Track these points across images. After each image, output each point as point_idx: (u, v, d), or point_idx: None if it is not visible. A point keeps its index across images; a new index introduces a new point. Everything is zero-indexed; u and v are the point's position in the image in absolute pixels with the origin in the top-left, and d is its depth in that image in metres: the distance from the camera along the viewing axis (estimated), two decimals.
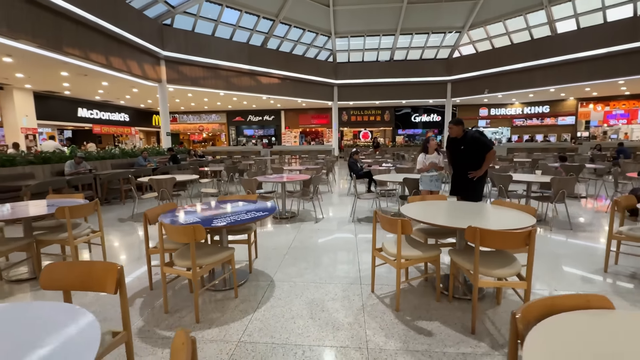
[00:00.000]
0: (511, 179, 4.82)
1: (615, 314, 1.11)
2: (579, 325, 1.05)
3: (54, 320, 1.11)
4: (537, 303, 1.14)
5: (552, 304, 1.15)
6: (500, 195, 5.01)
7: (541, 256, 3.48)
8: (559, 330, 1.02)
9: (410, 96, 19.11)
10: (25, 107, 13.11)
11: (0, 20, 6.71)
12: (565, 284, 2.84)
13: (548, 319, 1.07)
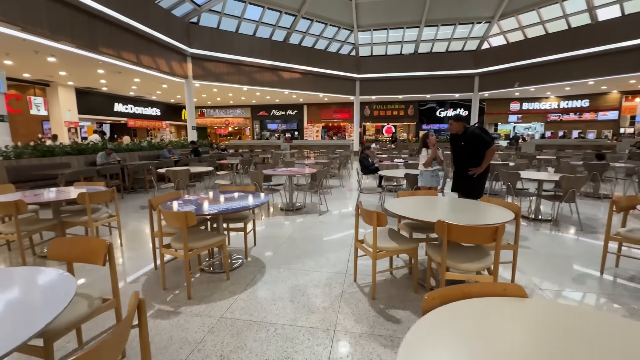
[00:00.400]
0: (519, 177, 4.68)
1: (521, 302, 1.17)
2: (479, 309, 1.13)
3: (42, 279, 1.36)
4: (454, 288, 1.23)
5: (469, 290, 1.23)
6: (508, 193, 4.89)
7: (539, 255, 3.42)
8: (454, 312, 1.11)
9: (435, 90, 18.56)
10: (68, 102, 14.31)
11: (44, 24, 7.41)
12: (554, 283, 2.80)
13: (456, 302, 1.16)
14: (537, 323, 1.05)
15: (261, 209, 5.50)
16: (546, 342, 0.94)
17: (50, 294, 1.25)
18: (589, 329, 1.02)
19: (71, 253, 1.77)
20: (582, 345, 0.94)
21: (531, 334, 0.99)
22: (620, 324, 1.06)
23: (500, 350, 0.91)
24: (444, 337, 0.98)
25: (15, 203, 2.89)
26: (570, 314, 1.12)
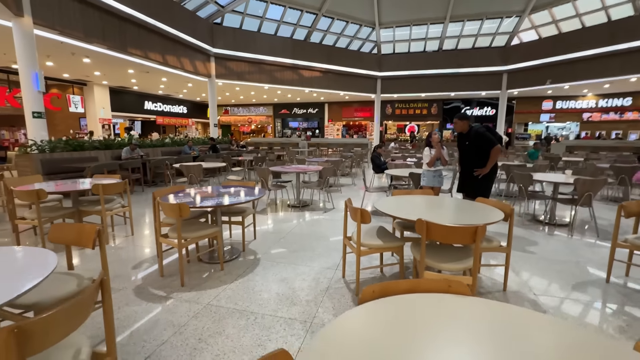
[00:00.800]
0: (531, 179, 4.47)
1: (462, 299, 1.16)
2: (414, 304, 1.14)
3: (28, 257, 1.53)
4: (399, 282, 1.25)
5: (415, 285, 1.24)
6: (520, 195, 4.68)
7: (543, 259, 3.28)
8: (387, 305, 1.12)
9: (460, 88, 17.94)
10: (103, 100, 15.30)
11: (78, 27, 7.98)
12: (551, 288, 2.68)
13: (397, 296, 1.18)
14: (463, 320, 1.05)
15: (268, 205, 5.63)
16: (461, 339, 0.95)
17: (32, 270, 1.40)
18: (511, 329, 1.01)
19: (67, 237, 1.95)
20: (494, 343, 0.93)
21: (448, 330, 0.99)
22: (558, 327, 1.03)
23: (402, 343, 0.92)
24: (360, 328, 1.01)
25: (37, 192, 3.18)
26: (507, 314, 1.10)
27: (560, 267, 3.13)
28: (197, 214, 3.38)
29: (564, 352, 0.91)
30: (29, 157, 6.13)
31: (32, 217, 3.39)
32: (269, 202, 5.83)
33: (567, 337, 0.97)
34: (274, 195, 6.29)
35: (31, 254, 1.59)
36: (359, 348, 0.89)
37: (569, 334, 0.98)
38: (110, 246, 3.66)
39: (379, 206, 2.63)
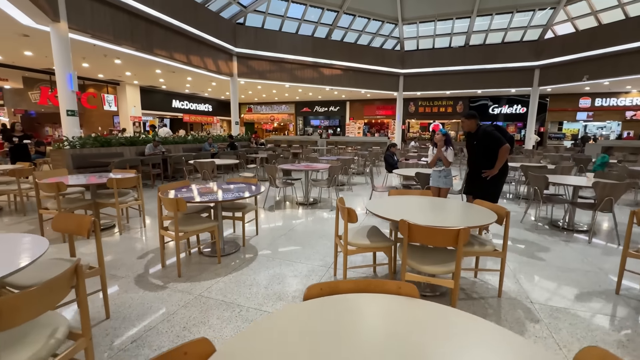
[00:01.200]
0: (547, 181, 4.23)
1: (409, 301, 1.15)
2: (359, 304, 1.14)
3: (24, 242, 1.69)
4: (350, 282, 1.26)
5: (366, 286, 1.25)
6: (535, 198, 4.45)
7: (550, 266, 3.11)
8: (331, 303, 1.14)
9: (488, 85, 17.16)
10: (134, 99, 16.18)
11: (109, 30, 8.49)
12: (551, 297, 2.54)
13: (344, 295, 1.19)
14: (401, 322, 1.04)
15: (277, 202, 5.73)
16: (394, 341, 0.95)
17: (26, 252, 1.55)
18: (435, 331, 0.99)
19: (68, 226, 2.12)
20: (407, 345, 0.92)
21: (370, 330, 0.99)
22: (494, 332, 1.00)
23: (319, 341, 0.93)
24: (288, 324, 1.03)
25: (57, 184, 3.46)
26: (448, 318, 1.08)
27: (568, 275, 2.96)
28: (200, 208, 3.52)
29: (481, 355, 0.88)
30: (62, 152, 6.64)
31: (53, 207, 3.69)
32: (278, 199, 5.93)
33: (496, 346, 0.94)
34: (283, 193, 6.39)
35: (30, 241, 1.75)
36: (275, 343, 0.92)
37: (501, 344, 0.95)
38: (122, 236, 3.91)
39: (370, 205, 2.62)
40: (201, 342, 0.87)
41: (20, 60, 11.26)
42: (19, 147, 7.58)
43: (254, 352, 0.87)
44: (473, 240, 2.53)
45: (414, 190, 3.21)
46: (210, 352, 0.87)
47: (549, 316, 2.29)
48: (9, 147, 7.82)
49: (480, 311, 2.33)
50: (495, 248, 2.50)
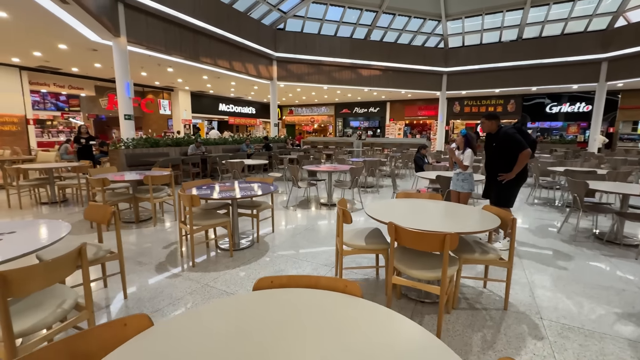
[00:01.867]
0: (587, 187, 3.79)
1: (351, 300, 1.17)
2: (300, 299, 1.19)
3: (46, 224, 2.00)
4: (302, 277, 1.32)
5: (315, 282, 1.29)
6: (575, 205, 4.01)
7: (577, 282, 2.82)
8: (275, 296, 1.20)
9: (545, 81, 15.65)
10: (185, 103, 17.60)
11: (161, 42, 9.39)
12: (570, 317, 2.30)
13: (293, 289, 1.26)
14: (327, 317, 1.07)
15: (299, 201, 5.88)
16: (294, 333, 0.99)
17: (53, 235, 1.85)
18: (352, 328, 1.00)
19: (95, 216, 2.45)
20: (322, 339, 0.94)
21: (294, 323, 1.04)
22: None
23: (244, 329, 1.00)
24: (222, 312, 1.12)
25: (102, 180, 3.97)
26: (376, 317, 1.08)
27: (598, 292, 2.65)
28: (219, 205, 3.78)
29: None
30: (117, 152, 7.51)
31: (100, 200, 4.22)
32: (303, 199, 6.08)
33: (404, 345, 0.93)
34: (307, 193, 6.52)
35: (60, 226, 2.08)
36: (204, 326, 1.02)
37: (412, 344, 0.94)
38: (155, 228, 4.34)
39: (368, 207, 2.62)
40: (141, 317, 1.01)
41: (92, 71, 12.92)
42: (85, 148, 8.67)
43: (184, 330, 0.98)
44: (475, 247, 2.40)
45: (423, 194, 3.11)
46: (148, 326, 1.00)
47: (557, 334, 2.09)
48: (76, 148, 8.94)
49: (478, 322, 2.21)
50: (501, 257, 2.34)
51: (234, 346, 0.92)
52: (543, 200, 6.30)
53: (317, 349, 0.90)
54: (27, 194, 6.12)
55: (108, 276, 2.61)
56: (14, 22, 7.17)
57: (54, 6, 6.27)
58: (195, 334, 0.97)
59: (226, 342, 0.94)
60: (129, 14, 8.30)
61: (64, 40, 8.66)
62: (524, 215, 5.10)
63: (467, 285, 2.77)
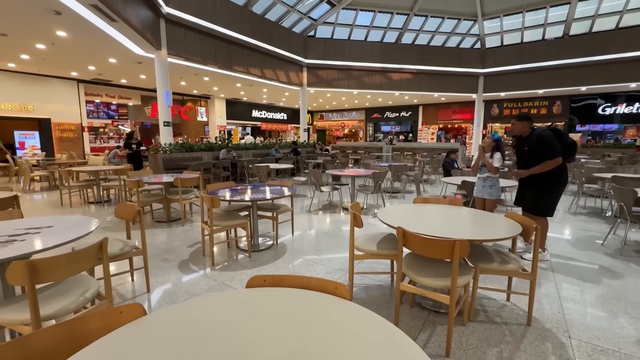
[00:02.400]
0: (635, 195, 3.41)
1: (339, 302, 1.16)
2: (290, 299, 1.20)
3: (82, 220, 2.20)
4: (295, 277, 1.33)
5: (307, 283, 1.30)
6: (622, 215, 3.63)
7: (621, 299, 2.55)
8: (267, 295, 1.23)
9: (596, 80, 14.38)
10: (220, 110, 18.47)
11: (197, 53, 9.98)
12: (603, 338, 2.08)
13: (285, 288, 1.28)
14: (312, 317, 1.07)
15: (322, 205, 5.90)
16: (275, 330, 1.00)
17: (84, 229, 2.04)
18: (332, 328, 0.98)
19: (124, 214, 2.65)
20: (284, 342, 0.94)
21: (278, 322, 1.04)
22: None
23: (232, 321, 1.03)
24: (212, 307, 1.16)
25: (137, 182, 4.29)
26: (358, 318, 1.06)
27: (639, 313, 2.37)
28: (241, 207, 3.92)
29: None
30: (155, 156, 8.06)
31: (135, 200, 4.56)
32: (326, 203, 6.09)
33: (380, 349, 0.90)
34: (330, 197, 6.52)
35: (92, 222, 2.28)
36: (193, 317, 1.07)
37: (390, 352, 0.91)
38: (183, 228, 4.58)
39: (381, 212, 2.57)
40: (136, 306, 1.08)
41: (138, 82, 14.03)
42: (135, 153, 8.52)
43: (172, 320, 1.04)
44: (495, 256, 2.26)
45: (442, 199, 2.98)
46: (141, 315, 1.07)
47: (586, 356, 1.90)
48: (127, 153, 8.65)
49: (496, 337, 2.07)
50: (524, 267, 2.18)
51: (216, 335, 0.95)
52: (589, 209, 5.76)
53: (289, 343, 0.91)
54: (77, 193, 6.75)
55: (135, 270, 2.80)
56: (73, 41, 8.03)
57: (105, 25, 6.93)
58: (182, 323, 1.02)
59: (209, 331, 0.98)
60: (169, 29, 8.93)
61: (114, 55, 9.51)
62: (563, 226, 4.70)
63: (488, 297, 2.61)
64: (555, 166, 3.02)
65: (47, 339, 0.94)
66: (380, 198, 6.08)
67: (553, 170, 3.10)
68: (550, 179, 3.14)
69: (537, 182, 3.19)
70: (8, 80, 11.62)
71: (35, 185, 8.32)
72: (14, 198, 3.18)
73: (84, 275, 1.91)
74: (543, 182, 3.16)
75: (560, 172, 3.14)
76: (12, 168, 9.34)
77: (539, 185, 3.18)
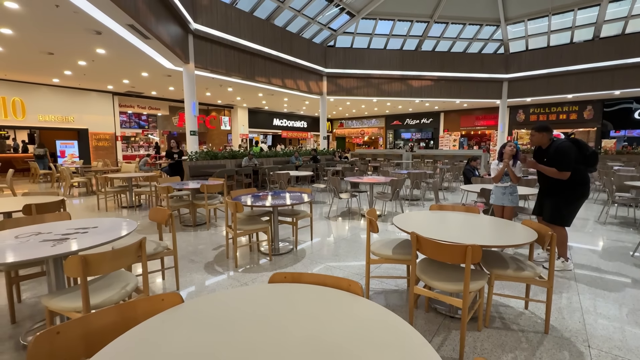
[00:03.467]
0: None
1: (353, 298, 1.27)
2: (309, 295, 1.33)
3: (121, 222, 2.43)
4: (312, 275, 1.45)
5: (324, 280, 1.42)
6: None
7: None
8: (286, 291, 1.36)
9: (630, 83, 13.68)
10: (243, 119, 19.08)
11: (222, 65, 10.47)
12: (624, 348, 2.04)
13: (302, 284, 1.40)
14: (326, 311, 1.19)
15: (341, 212, 6.00)
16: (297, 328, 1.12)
17: (125, 230, 2.27)
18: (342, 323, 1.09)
19: (157, 217, 2.89)
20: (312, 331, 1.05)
21: (287, 320, 1.16)
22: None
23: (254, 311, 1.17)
24: (241, 298, 1.30)
25: (167, 187, 4.59)
26: (372, 316, 1.16)
27: None
28: (264, 212, 4.10)
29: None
30: (183, 163, 8.48)
31: (165, 205, 4.86)
32: (345, 210, 6.19)
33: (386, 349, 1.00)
34: (349, 204, 6.61)
35: (127, 223, 2.52)
36: (222, 304, 1.22)
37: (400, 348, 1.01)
38: (208, 232, 4.83)
39: (399, 218, 2.66)
40: (175, 295, 1.24)
41: (167, 93, 14.83)
42: (177, 163, 8.25)
43: (205, 307, 1.20)
44: (511, 262, 2.28)
45: (460, 206, 3.01)
46: (179, 302, 1.23)
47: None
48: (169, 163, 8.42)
49: (511, 343, 2.09)
50: (540, 275, 2.19)
51: (244, 319, 1.10)
52: (620, 219, 5.51)
53: (307, 329, 1.04)
54: (111, 198, 7.24)
55: (165, 269, 3.03)
56: (111, 57, 8.69)
57: (139, 42, 7.48)
58: (214, 309, 1.17)
59: (238, 316, 1.12)
60: (197, 43, 9.46)
61: (146, 69, 10.17)
62: (592, 236, 4.54)
63: (505, 304, 2.61)
64: (559, 177, 3.03)
65: (103, 319, 1.12)
66: (399, 205, 6.10)
67: (574, 182, 3.07)
68: (570, 189, 3.11)
69: (557, 192, 3.16)
70: (52, 94, 12.66)
71: (74, 191, 8.97)
72: (61, 202, 3.52)
73: (123, 272, 2.13)
74: (563, 193, 3.13)
75: (582, 184, 3.09)
76: (55, 175, 10.11)
77: (559, 196, 3.15)
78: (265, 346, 0.98)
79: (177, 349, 0.96)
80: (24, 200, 3.39)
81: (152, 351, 0.94)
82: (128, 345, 0.98)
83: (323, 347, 0.97)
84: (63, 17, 6.00)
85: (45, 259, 1.88)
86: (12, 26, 6.45)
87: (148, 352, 0.94)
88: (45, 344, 0.97)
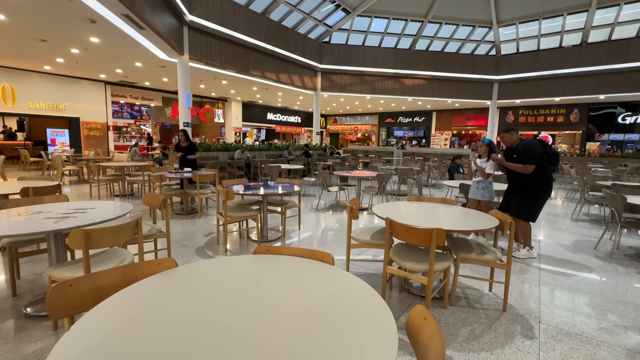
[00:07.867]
0: (624, 202, 3.57)
1: (323, 266, 1.48)
2: (288, 261, 1.53)
3: (117, 205, 2.59)
4: (289, 248, 1.66)
5: (297, 251, 1.63)
6: (613, 221, 3.79)
7: (597, 294, 2.76)
8: (268, 261, 1.56)
9: (615, 89, 14.16)
10: (236, 112, 19.10)
11: (216, 58, 10.52)
12: (569, 324, 2.30)
13: (281, 256, 1.61)
14: (297, 275, 1.39)
15: (330, 205, 6.21)
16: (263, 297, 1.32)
17: (121, 209, 2.44)
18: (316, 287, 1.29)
19: (151, 201, 3.05)
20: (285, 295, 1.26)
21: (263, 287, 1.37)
22: None
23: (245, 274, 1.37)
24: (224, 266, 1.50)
25: (160, 176, 4.73)
26: (339, 280, 1.37)
27: (614, 307, 2.57)
28: (254, 201, 4.29)
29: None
30: (174, 154, 8.57)
31: (158, 193, 5.00)
32: (334, 203, 6.41)
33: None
34: (338, 197, 6.82)
35: (125, 207, 2.68)
36: (209, 270, 1.41)
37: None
38: (200, 219, 4.99)
39: (376, 207, 2.87)
40: (170, 260, 1.44)
41: (160, 84, 14.79)
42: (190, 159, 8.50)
43: (197, 271, 1.39)
44: (475, 247, 2.52)
45: (436, 198, 3.25)
46: (174, 266, 1.43)
47: (550, 337, 2.14)
48: (180, 156, 8.76)
49: (472, 319, 2.33)
50: (500, 258, 2.44)
51: (233, 281, 1.30)
52: (592, 216, 5.85)
53: (287, 287, 1.24)
54: (103, 187, 7.32)
55: (158, 250, 3.20)
56: (104, 46, 8.69)
57: (134, 32, 7.51)
58: (206, 273, 1.37)
59: (227, 279, 1.32)
60: (191, 35, 9.51)
61: (140, 59, 10.17)
62: (562, 231, 4.85)
63: (471, 287, 2.86)
64: (524, 172, 3.30)
65: (108, 277, 1.31)
66: (385, 199, 6.34)
67: (539, 179, 3.35)
68: (535, 186, 3.39)
69: (524, 189, 3.44)
70: (43, 82, 12.54)
71: (65, 179, 8.99)
72: (57, 186, 3.64)
73: (120, 249, 2.31)
74: (530, 189, 3.41)
75: (546, 181, 3.37)
76: (45, 163, 10.10)
77: (526, 192, 3.42)
78: (245, 301, 1.18)
79: (170, 300, 1.15)
80: (20, 184, 3.51)
81: (149, 301, 1.14)
82: (128, 296, 1.17)
83: (297, 303, 1.17)
84: (58, 5, 6.03)
85: (48, 233, 2.04)
86: (5, 12, 6.44)
87: (145, 303, 1.14)
88: (61, 293, 1.16)
